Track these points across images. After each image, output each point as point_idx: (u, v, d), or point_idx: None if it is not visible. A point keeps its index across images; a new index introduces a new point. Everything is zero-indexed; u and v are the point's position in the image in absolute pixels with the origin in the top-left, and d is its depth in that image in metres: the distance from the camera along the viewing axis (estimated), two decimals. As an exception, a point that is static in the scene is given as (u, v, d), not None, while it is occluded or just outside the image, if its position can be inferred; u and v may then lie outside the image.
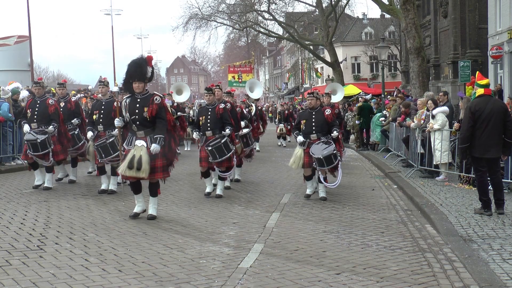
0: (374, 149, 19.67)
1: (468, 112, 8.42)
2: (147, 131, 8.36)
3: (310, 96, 10.77)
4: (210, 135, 10.62)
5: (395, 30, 47.13)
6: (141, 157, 8.19)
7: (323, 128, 10.44)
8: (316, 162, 10.17)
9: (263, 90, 27.79)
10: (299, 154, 10.53)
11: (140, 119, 8.33)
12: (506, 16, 22.71)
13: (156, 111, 8.32)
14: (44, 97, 11.37)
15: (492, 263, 5.97)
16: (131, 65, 8.41)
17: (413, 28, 20.89)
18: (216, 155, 10.37)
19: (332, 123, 10.51)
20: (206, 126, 10.74)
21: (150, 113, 8.28)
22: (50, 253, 6.55)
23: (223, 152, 10.39)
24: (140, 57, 8.53)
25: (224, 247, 6.91)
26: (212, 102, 10.81)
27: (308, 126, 10.52)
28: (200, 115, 10.92)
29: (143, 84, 8.37)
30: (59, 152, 11.44)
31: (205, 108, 10.97)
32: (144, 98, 8.37)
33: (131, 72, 8.37)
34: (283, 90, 71.61)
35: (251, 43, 54.69)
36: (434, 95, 14.21)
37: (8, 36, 30.18)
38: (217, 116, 10.66)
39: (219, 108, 10.70)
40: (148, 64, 8.44)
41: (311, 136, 10.46)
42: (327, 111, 10.57)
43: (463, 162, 11.19)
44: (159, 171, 8.40)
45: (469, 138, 8.34)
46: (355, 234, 7.60)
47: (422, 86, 20.96)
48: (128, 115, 8.43)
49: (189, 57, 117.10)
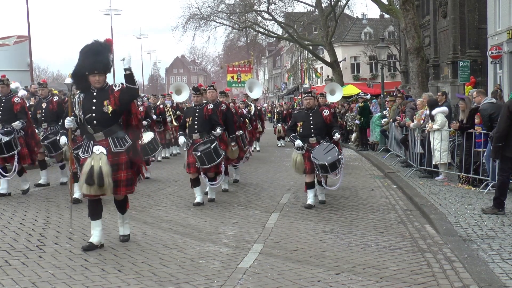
0: (373, 149, 19.68)
1: (506, 111, 8.36)
2: (107, 131, 6.70)
3: (307, 96, 9.83)
4: (197, 138, 9.84)
5: (394, 30, 47.11)
6: (101, 170, 6.54)
7: (322, 130, 9.64)
8: (319, 168, 9.32)
9: (262, 90, 27.76)
10: (299, 160, 9.62)
11: (99, 117, 6.67)
12: (505, 16, 22.70)
13: (119, 99, 6.68)
14: (10, 95, 10.70)
15: (491, 263, 5.97)
16: (87, 53, 6.69)
17: (413, 28, 20.89)
18: (205, 161, 9.58)
19: (332, 124, 9.75)
20: (193, 128, 9.94)
21: (114, 104, 6.67)
22: (49, 253, 6.55)
23: (212, 158, 9.60)
24: (97, 42, 6.82)
25: (223, 247, 6.91)
26: (200, 102, 10.10)
27: (306, 129, 9.64)
28: (187, 116, 10.15)
29: (105, 76, 6.79)
30: (26, 156, 10.53)
31: (192, 109, 10.22)
32: (102, 91, 6.75)
33: (88, 62, 6.65)
34: (283, 90, 71.59)
35: (250, 43, 54.62)
36: (433, 95, 14.21)
37: (7, 36, 30.16)
38: (205, 117, 9.90)
39: (207, 108, 9.94)
40: (109, 50, 6.83)
41: (310, 139, 9.61)
42: (325, 111, 9.77)
43: (463, 162, 11.22)
44: (122, 185, 6.75)
45: (505, 137, 8.32)
46: (355, 234, 7.60)
47: (422, 86, 20.96)
48: (82, 114, 6.74)
49: (188, 57, 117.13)
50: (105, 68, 6.74)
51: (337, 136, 9.52)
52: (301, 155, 9.61)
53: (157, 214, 8.97)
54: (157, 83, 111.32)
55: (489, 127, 10.09)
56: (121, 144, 6.72)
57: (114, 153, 6.67)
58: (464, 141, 11.31)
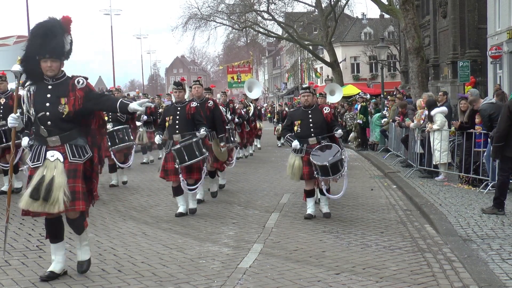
0: (373, 149, 19.68)
1: (507, 111, 8.37)
2: (64, 136, 5.43)
3: (305, 92, 8.82)
4: (178, 140, 8.76)
5: (394, 30, 47.09)
6: (52, 181, 5.30)
7: (323, 129, 8.71)
8: (319, 171, 8.37)
9: (262, 90, 27.76)
10: (297, 164, 8.60)
11: (54, 117, 5.41)
12: (505, 16, 22.70)
13: (82, 102, 5.41)
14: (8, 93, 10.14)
15: (491, 263, 5.97)
16: (37, 33, 5.45)
17: (413, 28, 20.88)
18: (185, 156, 8.47)
19: (333, 123, 8.86)
20: (174, 129, 8.86)
21: (72, 105, 5.38)
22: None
23: (193, 153, 8.50)
24: (52, 20, 5.52)
25: (223, 247, 6.91)
26: (182, 99, 9.04)
27: (305, 128, 8.68)
28: (167, 115, 9.04)
29: (59, 63, 5.49)
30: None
31: (173, 107, 9.12)
32: (59, 84, 5.49)
33: (39, 43, 5.40)
34: (283, 90, 71.60)
35: (250, 43, 54.63)
36: (433, 95, 14.21)
37: (7, 36, 30.12)
38: (187, 116, 8.84)
39: (190, 106, 8.90)
40: (65, 30, 5.51)
41: (309, 140, 8.64)
42: (325, 109, 8.88)
43: (463, 162, 11.22)
44: (81, 198, 5.42)
45: (506, 137, 8.32)
46: (355, 234, 7.60)
47: (422, 86, 20.94)
48: (33, 111, 5.47)
49: (188, 57, 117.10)
50: (60, 52, 5.46)
51: (339, 132, 8.62)
52: (299, 159, 8.61)
53: (157, 214, 8.96)
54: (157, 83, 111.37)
55: (489, 127, 10.09)
56: (80, 154, 5.50)
57: (71, 162, 5.46)
58: (464, 141, 11.31)
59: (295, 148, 8.61)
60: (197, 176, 8.82)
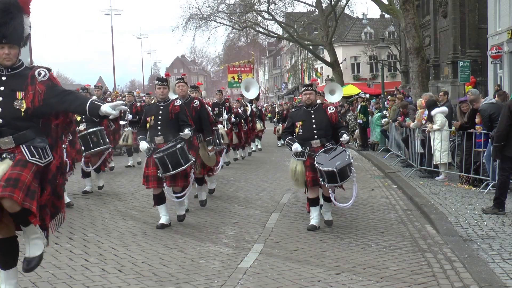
0: (373, 149, 19.68)
1: (507, 111, 8.36)
2: (19, 136, 4.52)
3: (307, 90, 7.94)
4: (160, 143, 7.86)
5: (394, 30, 47.10)
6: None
7: (327, 131, 7.84)
8: (326, 177, 7.51)
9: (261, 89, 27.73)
10: (300, 169, 7.74)
11: (8, 115, 4.49)
12: (505, 16, 22.71)
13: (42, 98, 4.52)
14: None
15: (491, 263, 5.96)
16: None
17: (413, 28, 20.88)
18: (169, 165, 7.58)
19: (338, 124, 8.01)
20: (156, 130, 7.93)
21: (31, 101, 4.50)
22: (49, 253, 6.54)
23: (178, 162, 7.63)
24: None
25: (224, 247, 6.91)
26: (165, 97, 8.12)
27: (307, 130, 7.83)
28: (148, 115, 8.09)
29: (17, 49, 4.57)
30: None
31: (155, 106, 8.25)
32: (15, 75, 4.57)
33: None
34: (283, 90, 71.63)
35: (250, 43, 54.64)
36: (433, 95, 14.21)
37: (7, 36, 30.14)
38: (170, 116, 7.92)
39: (174, 105, 7.99)
40: (24, 10, 4.57)
41: (313, 142, 7.76)
42: (330, 108, 7.99)
43: (463, 162, 11.21)
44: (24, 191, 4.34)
45: (506, 137, 8.32)
46: (355, 234, 7.60)
47: (422, 86, 20.95)
48: None
49: (188, 57, 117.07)
50: (19, 37, 4.55)
51: (345, 137, 7.67)
52: (301, 163, 7.78)
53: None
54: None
55: (489, 127, 10.09)
56: (41, 155, 4.55)
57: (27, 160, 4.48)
58: (464, 141, 11.31)
59: (296, 152, 7.76)
60: (184, 183, 7.94)
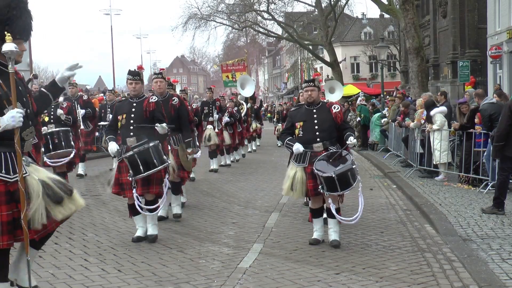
0: (373, 149, 19.68)
1: (508, 111, 8.36)
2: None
3: (308, 86, 7.00)
4: (133, 144, 6.97)
5: (394, 30, 47.10)
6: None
7: (331, 132, 6.93)
8: (324, 184, 6.58)
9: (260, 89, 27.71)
10: (299, 177, 6.80)
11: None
12: (505, 16, 22.71)
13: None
14: None
15: (491, 263, 5.97)
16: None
17: (412, 28, 20.91)
18: (140, 166, 6.69)
19: (344, 125, 7.07)
20: (128, 130, 7.01)
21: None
22: (49, 253, 6.55)
23: (151, 162, 6.75)
24: None
25: (223, 247, 6.91)
26: (139, 93, 7.19)
27: (309, 131, 6.91)
28: (119, 113, 7.16)
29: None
30: None
31: (127, 102, 7.25)
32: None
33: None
34: (282, 90, 71.64)
35: (250, 43, 54.65)
36: (432, 95, 14.21)
37: (7, 36, 30.16)
38: (145, 114, 7.04)
39: (149, 102, 7.10)
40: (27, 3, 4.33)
41: (314, 145, 6.86)
42: (334, 107, 7.01)
43: (463, 162, 11.21)
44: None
45: (506, 137, 8.32)
46: (355, 234, 7.60)
47: (421, 86, 20.98)
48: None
49: (188, 57, 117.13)
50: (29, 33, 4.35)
51: (352, 140, 6.73)
52: (301, 170, 6.84)
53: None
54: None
55: (489, 127, 10.09)
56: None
57: None
58: (464, 141, 11.31)
59: (298, 152, 6.84)
60: (157, 190, 7.02)
